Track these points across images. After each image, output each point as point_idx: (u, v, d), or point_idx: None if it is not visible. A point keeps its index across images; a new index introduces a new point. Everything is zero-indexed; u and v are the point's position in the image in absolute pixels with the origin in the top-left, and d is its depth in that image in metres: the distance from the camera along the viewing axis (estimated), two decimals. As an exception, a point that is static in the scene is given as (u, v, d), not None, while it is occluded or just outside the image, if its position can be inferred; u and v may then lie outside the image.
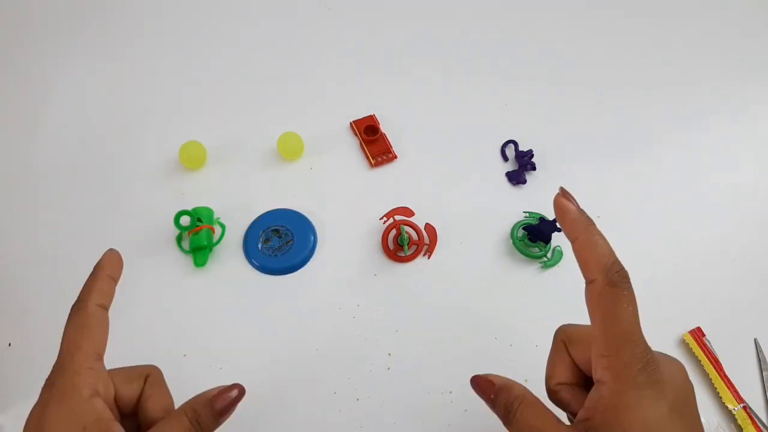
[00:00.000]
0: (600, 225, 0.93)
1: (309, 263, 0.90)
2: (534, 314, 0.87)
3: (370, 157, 0.98)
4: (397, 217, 0.90)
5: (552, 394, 0.56)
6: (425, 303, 0.87)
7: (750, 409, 0.80)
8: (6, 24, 1.12)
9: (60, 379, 0.48)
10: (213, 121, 1.01)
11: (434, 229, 0.91)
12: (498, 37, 1.15)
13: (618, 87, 1.10)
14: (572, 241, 0.51)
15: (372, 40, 1.13)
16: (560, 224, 0.53)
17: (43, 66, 1.06)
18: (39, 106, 1.02)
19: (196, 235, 0.87)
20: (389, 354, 0.83)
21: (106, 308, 0.53)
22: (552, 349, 0.58)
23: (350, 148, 1.00)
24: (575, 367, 0.55)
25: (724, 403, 0.80)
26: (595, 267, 0.49)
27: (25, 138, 0.98)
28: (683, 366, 0.52)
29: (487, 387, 0.55)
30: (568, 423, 0.51)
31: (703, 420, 0.70)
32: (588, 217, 0.52)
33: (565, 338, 0.56)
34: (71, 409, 0.47)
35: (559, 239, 0.91)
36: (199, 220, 0.88)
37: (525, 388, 0.53)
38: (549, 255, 0.90)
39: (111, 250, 0.58)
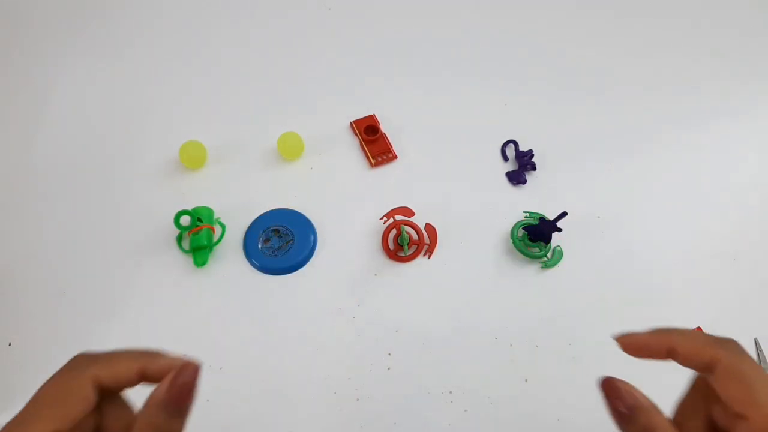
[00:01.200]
0: (600, 225, 0.94)
1: (309, 263, 0.90)
2: (534, 314, 0.87)
3: (371, 157, 0.98)
4: (398, 217, 0.91)
5: None
6: (425, 303, 0.87)
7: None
8: (6, 23, 1.12)
9: None
10: (213, 121, 1.01)
11: (434, 229, 0.92)
12: (498, 36, 1.16)
13: (619, 86, 1.10)
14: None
15: (372, 40, 1.13)
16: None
17: (43, 66, 1.07)
18: (39, 106, 1.02)
19: (196, 235, 0.87)
20: (389, 354, 0.83)
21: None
22: (688, 392, 0.51)
23: (350, 148, 1.00)
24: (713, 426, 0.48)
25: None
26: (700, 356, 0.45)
27: (25, 138, 0.99)
28: None
29: (625, 397, 0.46)
30: None
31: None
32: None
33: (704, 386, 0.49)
34: None
35: (559, 239, 0.91)
36: (200, 219, 0.88)
37: (667, 419, 0.46)
38: (549, 255, 0.91)
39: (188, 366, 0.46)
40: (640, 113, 1.07)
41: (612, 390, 0.47)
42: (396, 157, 0.99)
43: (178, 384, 0.45)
